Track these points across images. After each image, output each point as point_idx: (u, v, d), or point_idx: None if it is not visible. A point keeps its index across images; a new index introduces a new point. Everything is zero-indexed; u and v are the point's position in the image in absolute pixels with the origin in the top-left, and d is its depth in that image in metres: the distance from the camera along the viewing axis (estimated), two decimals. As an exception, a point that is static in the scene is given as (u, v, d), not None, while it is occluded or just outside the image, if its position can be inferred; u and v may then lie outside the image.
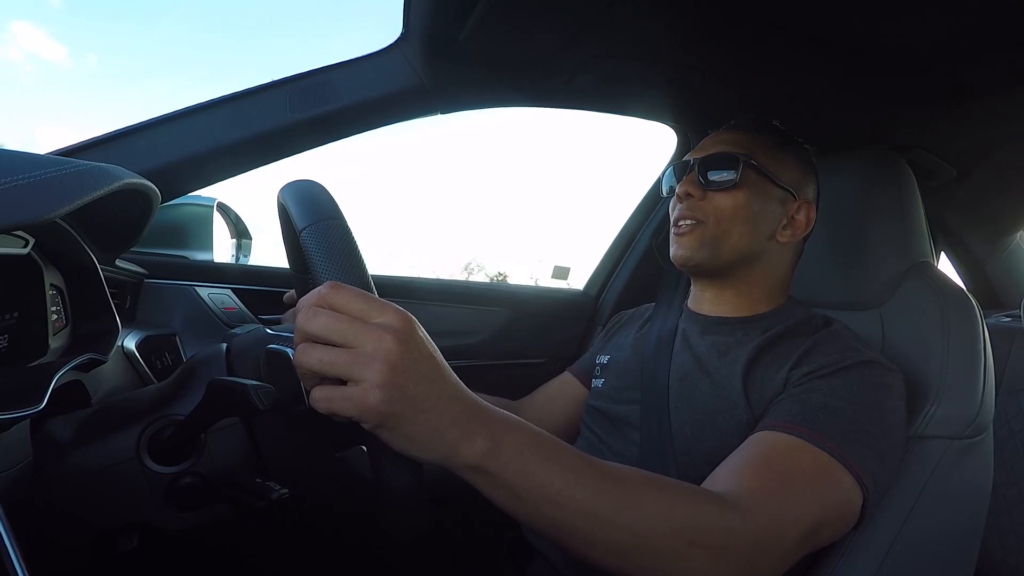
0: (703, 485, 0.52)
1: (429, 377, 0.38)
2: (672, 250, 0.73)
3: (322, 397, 0.37)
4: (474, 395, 0.41)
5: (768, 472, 0.51)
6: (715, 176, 0.69)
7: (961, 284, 0.70)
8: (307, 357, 0.37)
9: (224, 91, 0.79)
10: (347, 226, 0.42)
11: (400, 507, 0.40)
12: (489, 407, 0.41)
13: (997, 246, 1.43)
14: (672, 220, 0.73)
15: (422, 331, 0.39)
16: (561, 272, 1.42)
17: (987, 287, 1.47)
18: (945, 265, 1.49)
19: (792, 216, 0.71)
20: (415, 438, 0.37)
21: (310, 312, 0.37)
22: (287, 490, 0.51)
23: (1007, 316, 1.28)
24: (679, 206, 0.71)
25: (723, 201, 0.68)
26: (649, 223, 1.25)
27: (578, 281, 1.42)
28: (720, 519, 0.45)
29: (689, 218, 0.70)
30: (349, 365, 0.36)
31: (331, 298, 0.37)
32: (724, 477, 0.52)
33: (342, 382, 0.37)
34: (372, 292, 0.40)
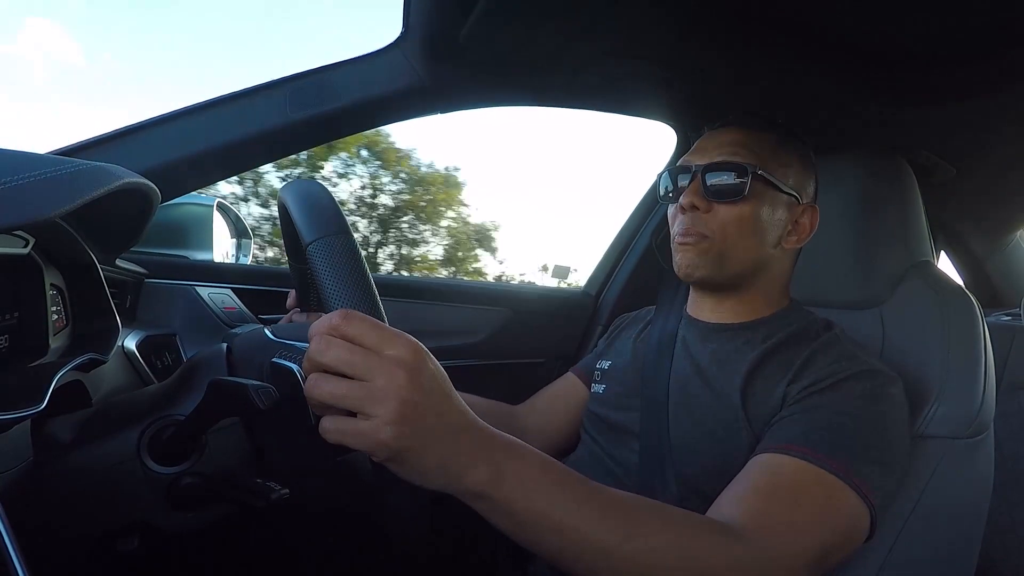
0: (708, 512, 0.51)
1: (438, 411, 0.38)
2: (676, 261, 0.70)
3: (333, 429, 0.37)
4: (480, 422, 0.41)
5: (774, 499, 0.50)
6: (720, 187, 0.65)
7: (961, 283, 0.70)
8: (319, 390, 0.37)
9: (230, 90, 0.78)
10: (354, 242, 0.43)
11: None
12: (495, 434, 0.41)
13: (997, 245, 1.43)
14: (674, 231, 0.70)
15: (432, 361, 0.39)
16: (561, 272, 1.42)
17: (987, 286, 1.47)
18: (945, 264, 1.49)
19: (797, 221, 0.69)
20: (422, 470, 0.38)
21: (323, 342, 0.37)
22: (287, 490, 0.51)
23: (1007, 315, 1.28)
24: (682, 218, 0.68)
25: (729, 214, 0.65)
26: (649, 223, 1.25)
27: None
28: (726, 550, 0.45)
29: (693, 233, 0.66)
30: (362, 400, 0.36)
31: (344, 329, 0.37)
32: (729, 505, 0.51)
33: (353, 412, 0.37)
34: (382, 317, 0.41)
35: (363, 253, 0.44)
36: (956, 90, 0.78)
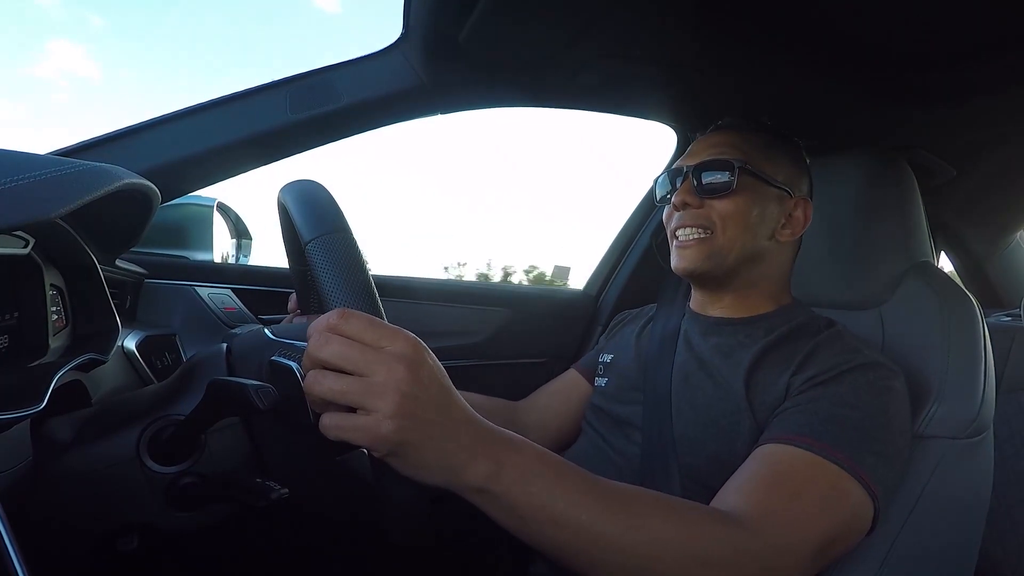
0: (712, 503, 0.51)
1: (438, 404, 0.38)
2: (674, 261, 0.72)
3: (333, 425, 0.37)
4: (479, 417, 0.41)
5: (777, 488, 0.50)
6: (710, 183, 0.68)
7: (961, 284, 0.70)
8: (318, 386, 0.37)
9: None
10: (353, 239, 0.43)
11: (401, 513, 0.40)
12: (494, 429, 0.41)
13: (997, 245, 1.43)
14: (670, 230, 0.72)
15: (431, 356, 0.40)
16: (561, 272, 1.42)
17: (987, 286, 1.47)
18: (945, 265, 1.49)
19: (790, 214, 0.71)
20: (422, 464, 0.38)
21: (321, 339, 0.37)
22: (287, 490, 0.51)
23: (1007, 315, 1.27)
24: (677, 215, 0.70)
25: (723, 208, 0.67)
26: (649, 223, 1.25)
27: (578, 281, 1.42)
28: (729, 539, 0.45)
29: (692, 226, 0.69)
30: (361, 395, 0.36)
31: (342, 326, 0.37)
32: (732, 494, 0.51)
33: (352, 408, 0.37)
34: (381, 314, 0.40)
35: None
36: (956, 90, 0.78)
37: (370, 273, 0.43)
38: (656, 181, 0.77)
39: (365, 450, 0.39)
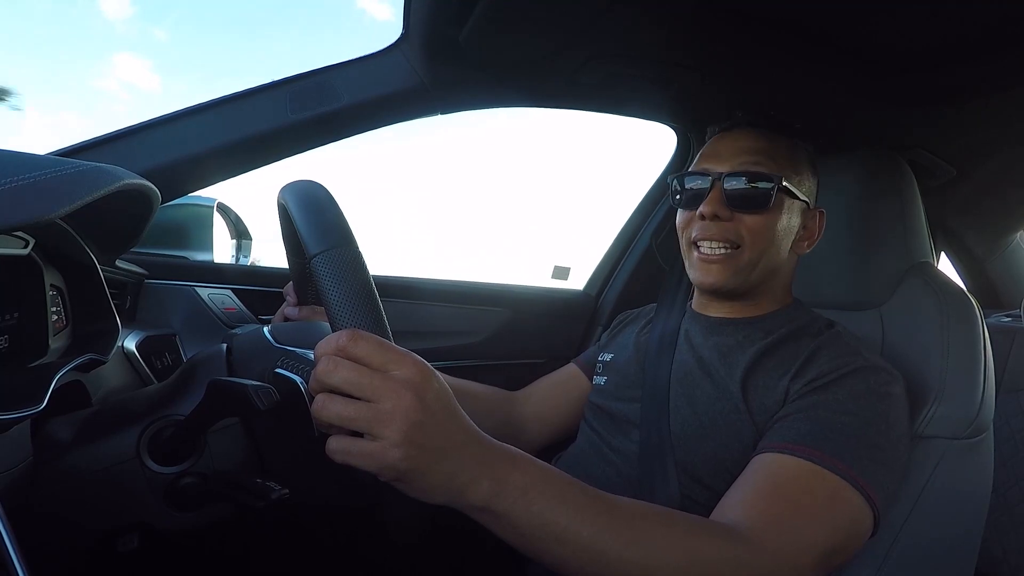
0: (713, 515, 0.51)
1: (444, 430, 0.39)
2: (697, 275, 0.69)
3: (340, 449, 0.38)
4: (482, 435, 0.42)
5: (777, 500, 0.50)
6: (744, 196, 0.64)
7: (961, 284, 0.70)
8: (326, 411, 0.37)
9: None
10: (360, 253, 0.42)
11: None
12: (496, 446, 0.42)
13: (997, 246, 1.43)
14: (689, 238, 0.69)
15: (437, 380, 0.40)
16: (561, 272, 1.42)
17: (987, 287, 1.47)
18: (945, 265, 1.49)
19: (806, 225, 0.69)
20: (427, 488, 0.39)
21: (329, 364, 0.37)
22: (287, 490, 0.51)
23: (1007, 316, 1.28)
24: (701, 224, 0.67)
25: (754, 223, 0.65)
26: (649, 223, 1.25)
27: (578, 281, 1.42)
28: (730, 552, 0.45)
29: (720, 240, 0.65)
30: (369, 422, 0.37)
31: (351, 349, 0.38)
32: (733, 507, 0.51)
33: (359, 432, 0.37)
34: (387, 333, 0.41)
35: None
36: (956, 90, 0.77)
37: (375, 288, 0.42)
38: (671, 181, 0.73)
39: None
